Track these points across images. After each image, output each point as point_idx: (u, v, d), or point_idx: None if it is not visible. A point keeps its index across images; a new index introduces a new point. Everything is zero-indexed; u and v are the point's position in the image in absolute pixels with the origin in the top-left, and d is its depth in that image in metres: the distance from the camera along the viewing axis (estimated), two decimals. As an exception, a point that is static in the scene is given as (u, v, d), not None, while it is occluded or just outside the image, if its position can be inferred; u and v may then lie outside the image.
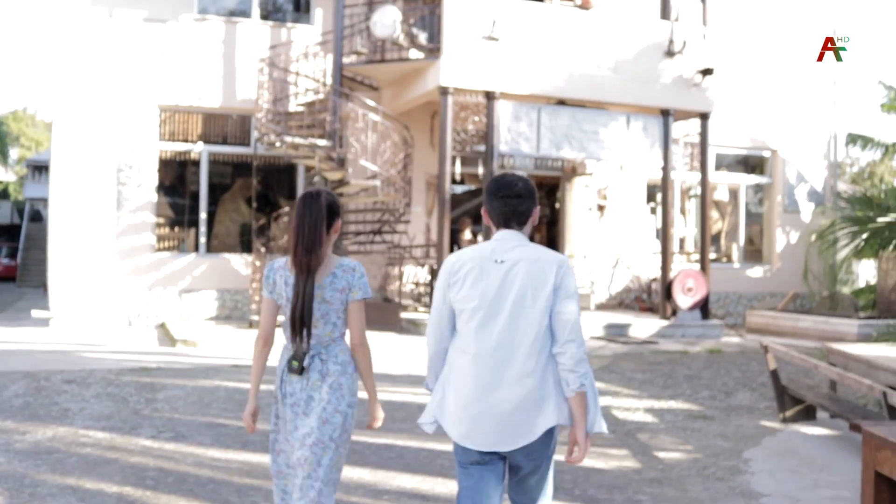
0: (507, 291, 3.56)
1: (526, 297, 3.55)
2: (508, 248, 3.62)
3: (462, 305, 3.61)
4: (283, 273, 3.99)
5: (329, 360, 3.99)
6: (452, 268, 3.68)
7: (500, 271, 3.57)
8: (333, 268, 3.95)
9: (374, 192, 14.04)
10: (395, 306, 14.58)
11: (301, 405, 4.00)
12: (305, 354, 3.96)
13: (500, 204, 3.66)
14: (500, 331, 3.55)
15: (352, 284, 3.95)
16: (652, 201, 19.52)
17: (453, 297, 3.64)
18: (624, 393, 9.89)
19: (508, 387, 3.53)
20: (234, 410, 8.44)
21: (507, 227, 3.67)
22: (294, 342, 3.95)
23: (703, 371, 11.64)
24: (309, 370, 3.99)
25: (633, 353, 13.04)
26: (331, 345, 4.00)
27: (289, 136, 14.12)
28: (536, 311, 3.54)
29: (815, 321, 16.13)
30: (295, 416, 4.01)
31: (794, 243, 19.81)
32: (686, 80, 15.56)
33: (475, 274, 3.60)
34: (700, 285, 15.60)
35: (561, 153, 14.94)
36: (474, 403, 3.57)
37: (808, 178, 20.06)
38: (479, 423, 3.57)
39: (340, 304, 3.94)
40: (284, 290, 3.97)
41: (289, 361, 4.00)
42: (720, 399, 9.65)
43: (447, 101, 14.01)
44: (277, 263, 4.07)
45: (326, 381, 3.97)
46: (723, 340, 15.33)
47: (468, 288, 3.60)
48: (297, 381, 4.01)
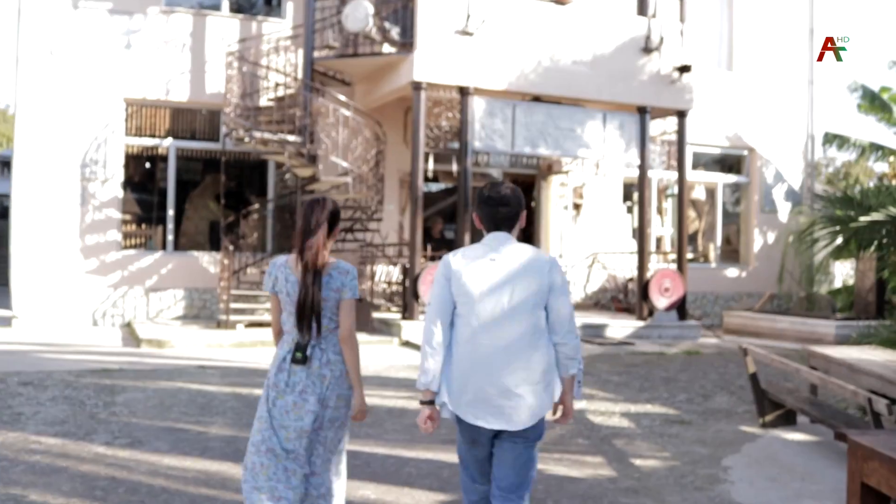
0: (501, 287, 3.92)
1: (519, 291, 3.92)
2: (501, 249, 4.00)
3: (462, 299, 3.97)
4: (285, 270, 4.34)
5: (328, 350, 4.35)
6: (451, 264, 4.02)
7: (494, 268, 3.95)
8: (331, 269, 4.31)
9: (345, 189, 13.72)
10: (366, 306, 14.27)
11: (307, 392, 4.31)
12: (307, 345, 4.31)
13: (491, 210, 4.04)
14: (496, 323, 3.92)
15: (344, 285, 4.32)
16: (628, 200, 19.31)
17: (455, 289, 3.98)
18: (599, 396, 9.63)
19: (507, 374, 3.90)
20: (196, 415, 8.12)
21: (497, 230, 4.04)
22: (301, 333, 4.30)
23: (681, 373, 11.40)
24: (311, 359, 4.32)
25: (610, 355, 12.79)
26: (329, 336, 4.35)
27: (258, 131, 13.77)
28: (529, 305, 3.92)
29: (792, 322, 15.95)
30: (300, 403, 4.32)
31: (772, 244, 19.65)
32: (663, 77, 15.34)
33: (472, 270, 3.97)
34: (677, 286, 15.38)
35: (536, 151, 14.67)
36: (477, 387, 3.93)
37: (786, 178, 19.92)
38: (485, 404, 3.93)
39: (335, 302, 4.31)
40: (285, 286, 4.33)
41: (292, 353, 4.33)
42: (698, 403, 9.41)
43: (420, 96, 13.72)
44: (279, 261, 4.42)
45: (327, 368, 4.32)
46: (700, 342, 15.12)
47: (466, 283, 3.95)
48: (301, 370, 4.33)
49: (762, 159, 19.66)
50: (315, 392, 4.32)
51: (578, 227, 18.14)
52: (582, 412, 8.68)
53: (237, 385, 9.67)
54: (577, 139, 14.89)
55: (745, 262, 19.73)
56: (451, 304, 4.02)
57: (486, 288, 3.94)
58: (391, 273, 15.17)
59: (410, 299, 13.78)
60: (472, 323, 3.97)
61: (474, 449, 4.13)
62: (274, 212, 16.41)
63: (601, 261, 18.20)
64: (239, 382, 9.82)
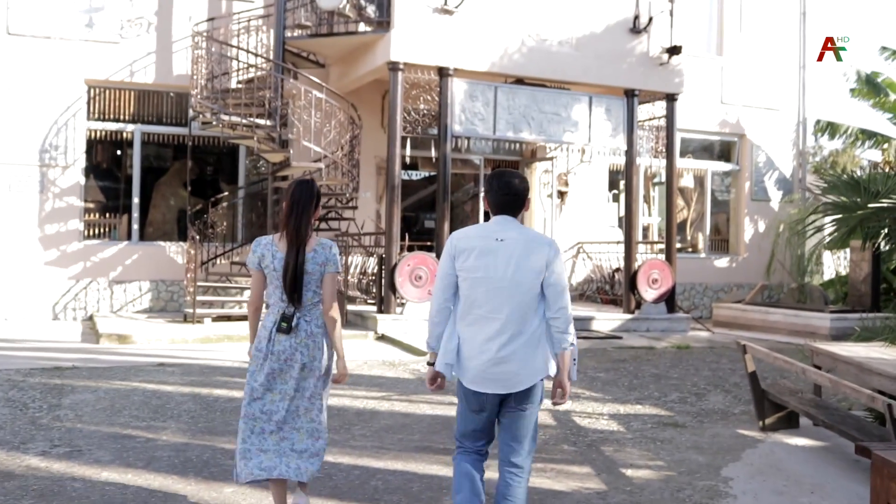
0: (507, 264, 4.21)
1: (522, 269, 4.22)
2: (506, 230, 4.29)
3: (468, 274, 4.27)
4: (271, 248, 4.68)
5: (312, 322, 4.68)
6: (459, 242, 4.32)
7: (501, 248, 4.23)
8: (315, 245, 4.67)
9: (318, 175, 13.01)
10: (340, 298, 13.58)
11: (291, 360, 4.66)
12: (292, 316, 4.62)
13: (500, 196, 4.35)
14: (502, 297, 4.23)
15: (328, 259, 4.65)
16: (615, 188, 18.69)
17: (459, 265, 4.29)
18: (586, 395, 8.99)
19: (510, 343, 4.22)
20: (147, 419, 7.44)
21: (503, 213, 4.35)
22: (288, 303, 4.62)
23: (671, 370, 10.78)
24: (297, 330, 4.65)
25: (596, 350, 12.16)
26: (312, 308, 4.68)
27: (226, 114, 13.04)
28: (531, 281, 4.23)
29: (785, 315, 15.35)
30: (286, 370, 4.68)
31: (763, 233, 19.05)
32: (652, 59, 14.69)
33: (480, 248, 4.25)
34: (666, 277, 14.76)
35: (519, 135, 14.01)
36: (479, 355, 4.26)
37: (777, 166, 19.33)
38: (486, 372, 4.25)
39: (319, 275, 4.65)
40: (272, 262, 4.65)
41: (277, 323, 4.63)
42: (691, 402, 8.78)
43: (397, 77, 13.02)
44: (265, 240, 4.74)
45: (311, 338, 4.66)
46: (690, 335, 14.51)
47: (474, 259, 4.25)
48: (286, 339, 4.65)
49: (753, 146, 19.06)
50: (298, 360, 4.67)
51: (563, 215, 17.49)
52: (567, 414, 8.04)
53: (197, 385, 8.99)
54: (562, 124, 14.23)
55: (735, 252, 19.14)
56: (454, 278, 4.34)
57: (490, 266, 4.25)
58: (367, 264, 14.46)
59: (387, 291, 13.10)
60: (475, 297, 4.29)
61: (479, 416, 4.42)
62: (245, 200, 15.70)
63: (587, 250, 17.57)
64: (199, 382, 9.14)
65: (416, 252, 13.29)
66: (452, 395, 8.21)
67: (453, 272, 4.34)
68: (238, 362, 10.36)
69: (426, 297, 13.01)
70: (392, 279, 12.95)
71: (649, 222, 18.74)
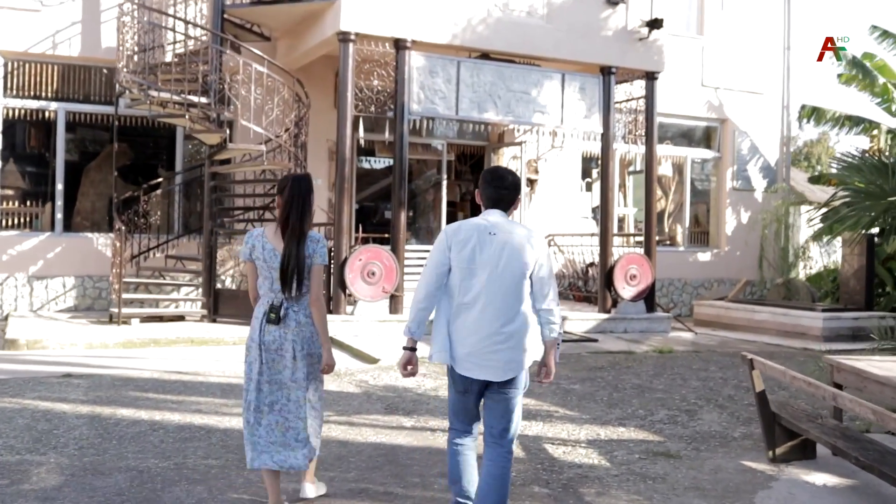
0: (499, 257, 4.42)
1: (512, 262, 4.43)
2: (498, 225, 4.48)
3: (461, 265, 4.45)
4: (262, 240, 4.79)
5: (300, 312, 4.79)
6: (455, 234, 4.49)
7: (494, 242, 4.43)
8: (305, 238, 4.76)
9: (259, 159, 11.62)
10: (285, 297, 12.20)
11: (282, 349, 4.75)
12: (280, 307, 4.73)
13: (493, 192, 4.57)
14: (493, 288, 4.41)
15: (315, 252, 4.77)
16: (588, 176, 17.41)
17: (453, 256, 4.45)
18: (559, 415, 7.67)
19: (498, 331, 4.41)
20: (23, 450, 6.05)
21: (495, 208, 4.56)
22: (284, 294, 4.71)
23: (655, 379, 9.49)
24: (285, 321, 4.74)
25: (570, 355, 10.85)
26: (301, 299, 4.79)
27: (156, 90, 11.58)
28: (520, 273, 4.44)
29: (773, 313, 14.12)
30: (277, 360, 4.78)
31: (746, 224, 17.83)
32: (630, 32, 13.39)
33: (475, 241, 4.44)
34: (645, 272, 13.48)
35: (483, 116, 12.65)
36: (471, 343, 4.43)
37: (762, 152, 18.11)
38: (478, 358, 4.42)
39: (308, 267, 4.74)
40: (262, 254, 4.76)
41: (266, 314, 4.75)
42: (683, 423, 7.48)
43: (348, 49, 11.64)
44: (256, 232, 4.86)
45: (299, 328, 4.77)
46: (671, 336, 13.25)
47: (468, 251, 4.43)
48: (275, 329, 4.74)
49: (735, 132, 17.83)
50: (289, 349, 4.76)
51: (533, 205, 16.17)
52: (538, 441, 6.72)
53: (101, 402, 7.59)
54: (532, 103, 12.91)
55: (716, 246, 17.91)
56: (447, 269, 4.47)
57: (485, 258, 4.41)
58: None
59: (335, 289, 11.73)
60: (469, 288, 4.42)
61: (465, 397, 4.57)
62: (183, 187, 14.23)
63: (558, 243, 16.26)
64: (104, 399, 7.73)
65: (370, 245, 11.94)
66: (402, 415, 6.79)
67: (447, 262, 4.47)
68: (159, 372, 8.98)
69: (380, 296, 11.66)
70: (341, 275, 11.58)
71: (624, 213, 17.47)
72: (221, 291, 12.64)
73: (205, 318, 12.44)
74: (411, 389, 8.49)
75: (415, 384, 8.74)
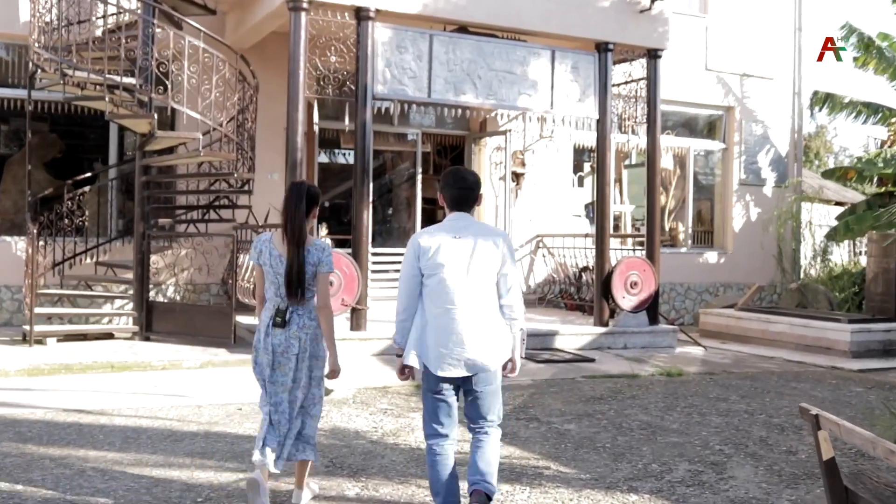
0: (465, 259, 4.54)
1: (480, 263, 4.56)
2: (463, 227, 4.63)
3: (431, 271, 4.57)
4: (269, 245, 4.93)
5: (304, 315, 4.92)
6: (422, 242, 4.60)
7: (461, 245, 4.56)
8: (309, 245, 4.88)
9: (195, 150, 9.87)
10: (227, 310, 10.41)
11: (287, 352, 4.87)
12: (286, 311, 4.86)
13: (455, 192, 4.67)
14: (462, 290, 4.54)
15: (321, 260, 4.90)
16: (580, 171, 15.71)
17: (423, 264, 4.58)
18: (550, 473, 5.94)
19: (472, 331, 4.53)
20: None
21: (459, 209, 4.66)
22: (289, 299, 4.83)
23: (667, 414, 7.76)
24: (290, 324, 4.86)
25: (562, 382, 9.14)
26: (306, 304, 4.91)
27: (74, 68, 9.79)
28: (488, 274, 4.60)
29: (791, 324, 12.43)
30: (283, 362, 4.89)
31: (755, 222, 16.15)
32: (630, 3, 11.67)
33: (441, 245, 4.56)
34: (647, 279, 11.78)
35: (461, 99, 10.91)
36: (446, 344, 4.53)
37: (773, 144, 16.42)
38: (452, 357, 4.54)
39: (312, 274, 4.88)
40: (269, 259, 4.89)
41: (273, 318, 4.86)
42: (711, 484, 5.76)
43: (300, 19, 9.87)
44: (265, 237, 5.01)
45: (303, 332, 4.90)
46: (678, 353, 11.54)
47: (436, 257, 4.54)
48: (281, 333, 4.86)
49: (743, 121, 16.15)
50: (293, 352, 4.89)
51: (519, 202, 14.45)
52: (522, 521, 5.01)
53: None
54: (517, 84, 11.18)
55: (722, 246, 16.22)
56: (419, 278, 4.61)
57: (451, 261, 4.55)
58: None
59: (287, 302, 9.98)
60: (440, 291, 4.55)
61: (439, 396, 4.65)
62: (119, 183, 12.43)
63: (547, 245, 14.55)
64: None
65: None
66: (346, 476, 5.51)
67: (419, 272, 4.62)
68: (55, 411, 7.25)
69: (339, 309, 9.91)
70: (293, 286, 9.84)
71: (621, 211, 15.76)
72: (155, 305, 10.84)
73: (136, 335, 10.67)
74: (365, 434, 6.75)
75: (371, 425, 7.02)
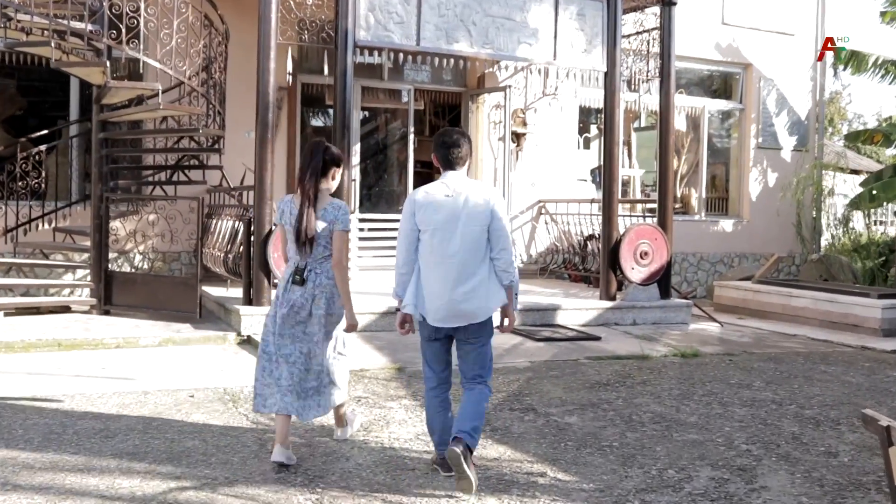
0: (457, 216, 4.80)
1: (471, 219, 4.81)
2: (455, 185, 4.89)
3: (426, 227, 4.84)
4: (290, 205, 5.14)
5: (322, 275, 5.13)
6: (418, 199, 4.89)
7: (451, 202, 4.83)
8: (326, 204, 5.11)
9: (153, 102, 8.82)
10: (192, 281, 9.38)
11: (303, 309, 5.11)
12: (304, 269, 5.10)
13: (445, 152, 4.95)
14: (455, 243, 4.79)
15: (337, 218, 5.10)
16: (586, 132, 14.63)
17: (418, 219, 4.85)
18: (546, 481, 4.93)
19: (464, 282, 4.78)
20: None
21: (451, 168, 4.95)
22: (300, 256, 5.11)
23: (683, 404, 6.75)
24: (307, 282, 5.10)
25: (563, 364, 8.12)
26: (323, 262, 5.14)
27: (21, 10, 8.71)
28: (479, 229, 4.82)
29: (815, 299, 11.40)
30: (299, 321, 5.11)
31: (773, 188, 15.08)
32: (643, -58, 10.56)
33: (434, 203, 4.84)
34: (659, 249, 10.75)
35: (454, 48, 9.81)
36: (441, 295, 4.79)
37: (791, 105, 15.31)
38: (446, 308, 4.79)
39: (329, 232, 5.09)
40: (290, 219, 5.11)
41: (292, 275, 5.12)
42: (740, 497, 4.75)
43: (271, -46, 8.80)
44: (287, 198, 5.23)
45: (318, 288, 5.11)
46: (692, 330, 10.51)
47: (431, 213, 4.82)
48: (299, 290, 5.10)
49: (761, 80, 15.03)
50: (307, 308, 5.11)
51: (520, 164, 13.38)
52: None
53: None
54: (516, 32, 10.08)
55: (738, 214, 15.17)
56: (416, 233, 4.87)
57: (443, 217, 4.80)
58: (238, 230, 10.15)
59: (256, 271, 8.95)
60: (434, 246, 4.81)
61: (434, 343, 4.98)
62: (81, 142, 11.35)
63: (550, 211, 13.50)
64: None
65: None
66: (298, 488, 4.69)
67: (415, 228, 4.88)
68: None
69: (316, 282, 8.88)
70: (263, 256, 8.81)
71: (629, 175, 14.66)
72: (115, 275, 9.79)
73: (94, 308, 9.66)
74: (331, 428, 5.73)
75: (338, 419, 6.02)
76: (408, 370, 7.58)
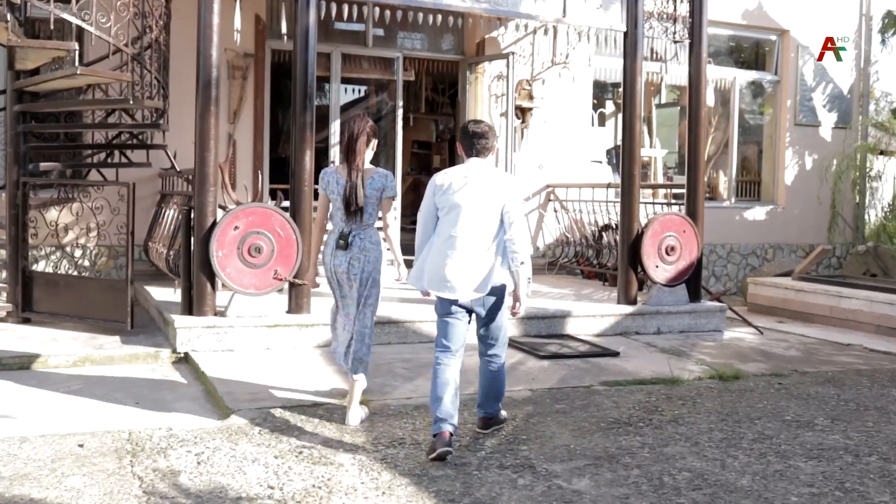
0: (473, 198, 5.05)
1: (486, 202, 5.05)
2: (476, 171, 5.15)
3: (444, 205, 5.11)
4: (335, 175, 5.49)
5: (366, 239, 5.47)
6: (438, 180, 5.18)
7: (470, 185, 5.08)
8: (372, 173, 5.52)
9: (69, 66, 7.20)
10: (121, 284, 7.72)
11: (346, 273, 5.46)
12: (349, 234, 5.43)
13: (471, 141, 5.20)
14: (469, 223, 5.06)
15: (385, 185, 5.51)
16: (601, 107, 12.95)
17: (438, 200, 5.13)
18: None
19: (475, 258, 5.05)
20: None
21: (476, 156, 5.20)
22: (349, 222, 5.45)
23: (730, 456, 5.10)
24: (351, 246, 5.44)
25: (572, 393, 6.47)
26: (367, 228, 5.50)
27: None
28: (493, 211, 5.07)
29: (870, 300, 9.74)
30: (343, 283, 5.51)
31: (811, 170, 13.38)
32: None
33: (453, 185, 5.09)
34: (689, 243, 9.08)
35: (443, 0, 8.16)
36: (454, 271, 5.04)
37: (832, 77, 13.59)
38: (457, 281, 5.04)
39: (376, 199, 5.49)
40: (336, 188, 5.45)
41: (336, 240, 5.46)
42: None
43: None
44: (330, 169, 5.58)
45: (362, 252, 5.45)
46: (727, 340, 8.85)
47: (449, 195, 5.09)
48: (343, 253, 5.45)
49: (799, 48, 13.30)
50: (351, 271, 5.45)
51: (526, 143, 11.72)
52: None
53: None
54: (519, -15, 8.42)
55: (772, 200, 13.46)
56: (435, 213, 5.17)
57: (462, 199, 5.06)
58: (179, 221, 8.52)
59: (198, 273, 7.32)
60: (450, 224, 5.08)
61: (447, 318, 5.16)
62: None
63: (560, 197, 11.85)
64: None
65: (253, 205, 7.52)
66: None
67: (434, 207, 5.17)
68: None
69: (270, 285, 7.34)
70: (205, 252, 7.19)
71: (650, 156, 12.95)
72: (35, 276, 8.16)
73: (10, 315, 8.03)
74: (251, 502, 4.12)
75: (268, 482, 4.41)
76: (373, 403, 5.90)
